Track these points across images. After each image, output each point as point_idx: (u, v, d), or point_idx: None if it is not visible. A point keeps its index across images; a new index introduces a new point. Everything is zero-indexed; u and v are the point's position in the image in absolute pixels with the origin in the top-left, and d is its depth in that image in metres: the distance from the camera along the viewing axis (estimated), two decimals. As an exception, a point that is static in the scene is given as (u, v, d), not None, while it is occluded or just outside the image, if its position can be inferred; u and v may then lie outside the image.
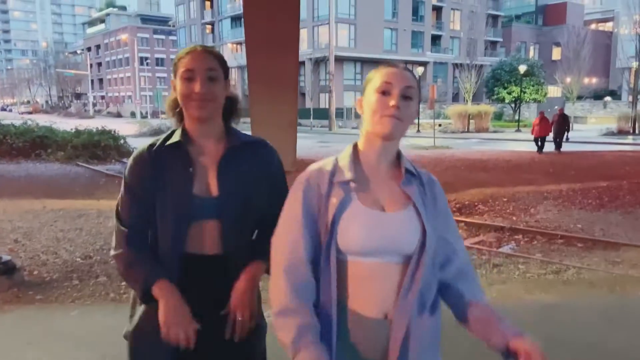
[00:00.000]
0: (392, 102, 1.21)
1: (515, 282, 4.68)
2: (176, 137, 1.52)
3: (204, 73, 1.46)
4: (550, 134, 17.92)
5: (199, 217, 1.48)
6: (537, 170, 13.36)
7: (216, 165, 1.50)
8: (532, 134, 18.22)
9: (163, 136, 1.56)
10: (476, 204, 9.52)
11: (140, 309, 1.54)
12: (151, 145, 1.54)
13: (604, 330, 3.41)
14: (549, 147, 18.17)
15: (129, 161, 1.55)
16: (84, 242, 6.15)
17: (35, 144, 17.79)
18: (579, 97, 41.30)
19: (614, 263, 5.38)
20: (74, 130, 19.18)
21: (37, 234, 6.62)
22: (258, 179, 1.55)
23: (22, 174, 14.19)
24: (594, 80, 48.62)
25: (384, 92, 1.23)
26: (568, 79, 37.01)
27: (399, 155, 1.31)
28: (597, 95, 45.97)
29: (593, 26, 62.02)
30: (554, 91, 44.21)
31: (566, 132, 18.38)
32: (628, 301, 4.07)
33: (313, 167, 1.30)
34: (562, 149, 18.12)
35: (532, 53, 55.91)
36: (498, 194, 10.08)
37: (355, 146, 1.31)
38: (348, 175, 1.24)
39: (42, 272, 4.87)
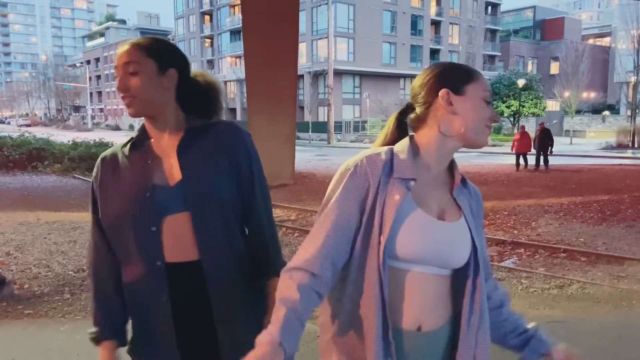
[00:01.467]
0: (494, 114, 1.17)
1: (519, 297, 4.56)
2: (132, 138, 1.42)
3: (122, 69, 1.36)
4: (531, 149, 16.85)
5: (164, 209, 1.33)
6: (537, 183, 13.28)
7: (175, 152, 1.37)
8: (512, 149, 17.21)
9: (120, 143, 1.46)
10: (476, 217, 9.43)
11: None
12: (109, 152, 1.44)
13: (613, 349, 3.28)
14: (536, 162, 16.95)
15: (92, 175, 1.45)
16: (77, 255, 6.02)
17: (32, 156, 17.71)
18: (578, 111, 41.45)
19: (619, 278, 5.27)
20: (71, 143, 19.15)
21: (30, 246, 6.50)
22: (222, 160, 1.39)
23: (17, 186, 14.07)
24: (592, 94, 48.85)
25: (488, 102, 1.17)
26: (567, 93, 37.16)
27: (452, 162, 1.22)
28: (596, 110, 46.11)
29: (591, 41, 62.48)
30: (552, 105, 44.34)
31: (550, 147, 16.70)
32: (636, 318, 3.95)
33: (365, 153, 1.16)
34: (549, 164, 16.80)
35: (531, 67, 56.21)
36: (498, 207, 9.99)
37: (412, 140, 1.19)
38: (411, 172, 1.12)
39: (32, 286, 4.74)
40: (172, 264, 1.33)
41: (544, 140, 16.73)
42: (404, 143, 1.17)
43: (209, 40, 59.73)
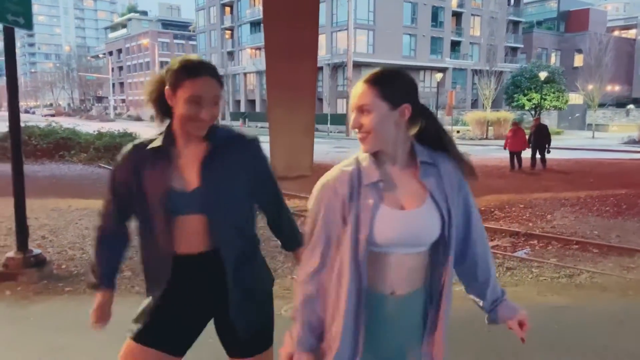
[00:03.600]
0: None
1: (527, 284, 4.75)
2: (158, 142, 1.59)
3: (211, 101, 1.52)
4: (526, 148, 15.25)
5: (180, 211, 1.56)
6: (555, 177, 13.30)
7: (199, 161, 1.58)
8: (505, 147, 15.70)
9: (148, 138, 1.65)
10: (492, 210, 9.54)
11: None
12: (136, 145, 1.64)
13: (613, 333, 3.47)
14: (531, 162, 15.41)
15: (115, 161, 1.67)
16: (108, 239, 6.37)
17: (59, 145, 18.25)
18: (601, 105, 40.79)
19: (629, 269, 5.40)
20: (96, 133, 19.66)
21: (64, 231, 6.86)
22: (241, 172, 1.62)
23: (46, 174, 14.57)
24: (617, 87, 47.96)
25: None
26: (590, 86, 36.62)
27: (414, 148, 1.41)
28: (620, 103, 45.33)
29: (616, 33, 61.16)
30: (575, 98, 43.71)
31: (547, 146, 15.07)
32: (639, 305, 4.11)
33: (330, 175, 1.41)
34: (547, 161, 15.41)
35: (554, 60, 55.35)
36: (514, 200, 10.08)
37: None
38: (376, 176, 1.35)
39: (69, 266, 5.08)
40: (183, 255, 1.61)
41: (540, 138, 15.10)
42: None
43: (229, 32, 60.06)
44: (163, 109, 1.61)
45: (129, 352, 1.67)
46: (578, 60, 50.81)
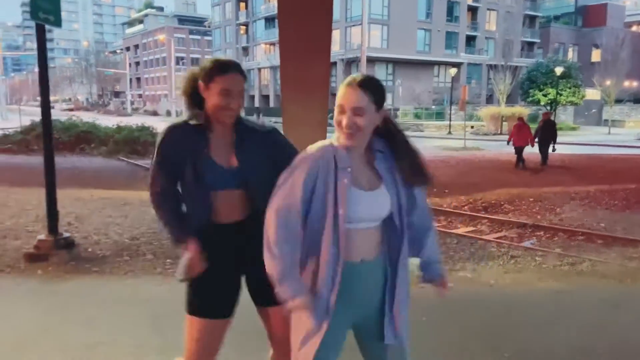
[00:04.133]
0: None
1: (530, 271, 4.94)
2: (199, 121, 1.92)
3: (239, 93, 1.87)
4: (531, 144, 14.71)
5: (222, 186, 1.88)
6: (566, 171, 13.38)
7: (232, 145, 1.92)
8: (508, 143, 15.33)
9: (185, 119, 1.96)
10: (502, 203, 9.70)
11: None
12: (177, 124, 1.94)
13: (607, 314, 3.67)
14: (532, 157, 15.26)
15: (160, 135, 1.95)
16: (130, 227, 6.68)
17: (79, 138, 18.73)
18: (619, 101, 40.32)
19: (631, 258, 5.56)
20: (115, 127, 20.14)
21: (88, 218, 7.20)
22: (266, 154, 1.94)
23: (68, 166, 15.00)
24: (635, 83, 47.25)
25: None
26: (607, 82, 36.23)
27: (369, 143, 1.71)
28: (638, 99, 44.68)
29: (634, 28, 60.17)
30: (592, 94, 43.24)
31: (552, 143, 14.74)
32: (636, 291, 4.29)
33: (319, 145, 1.69)
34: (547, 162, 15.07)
35: (571, 55, 54.73)
36: (525, 194, 10.22)
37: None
38: (348, 163, 1.65)
39: (95, 250, 5.39)
40: (220, 224, 1.92)
41: (547, 134, 14.72)
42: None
43: (244, 28, 60.40)
44: (195, 100, 1.93)
45: (191, 326, 1.96)
46: (596, 56, 50.11)
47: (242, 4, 60.07)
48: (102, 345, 2.98)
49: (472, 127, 31.04)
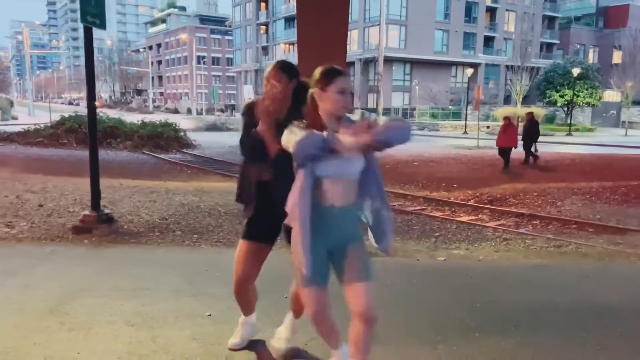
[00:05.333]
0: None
1: (518, 251, 5.48)
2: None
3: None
4: (516, 145, 14.59)
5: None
6: (573, 169, 13.75)
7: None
8: (497, 144, 14.90)
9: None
10: (507, 197, 10.19)
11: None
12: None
13: (574, 282, 4.20)
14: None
15: (243, 108, 2.59)
16: (159, 210, 7.38)
17: (106, 133, 19.62)
18: (638, 103, 40.08)
19: (616, 244, 6.05)
20: (140, 122, 21.03)
21: (120, 202, 7.92)
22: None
23: (96, 159, 15.84)
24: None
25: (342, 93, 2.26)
26: (629, 83, 36.09)
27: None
28: (659, 101, 44.30)
29: (658, 29, 59.47)
30: (612, 96, 43.03)
31: (534, 141, 15.05)
32: (610, 267, 4.80)
33: (305, 130, 2.25)
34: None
35: (592, 56, 54.37)
36: (529, 189, 10.68)
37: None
38: (329, 133, 2.20)
39: (130, 227, 6.09)
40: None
41: (531, 133, 15.08)
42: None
43: (264, 27, 61.24)
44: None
45: (240, 249, 2.59)
46: (617, 57, 49.71)
47: (263, 4, 60.95)
48: (146, 289, 3.64)
49: (487, 127, 31.29)
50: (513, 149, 14.42)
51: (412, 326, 3.10)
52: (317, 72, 2.27)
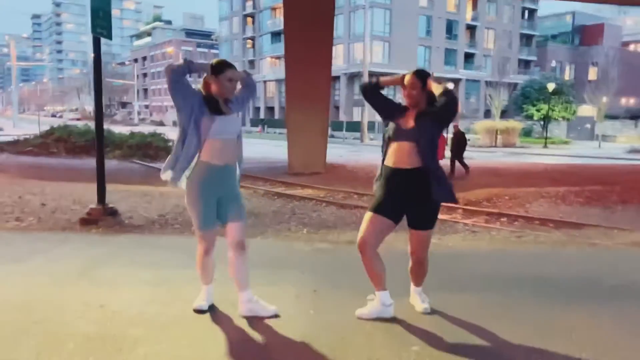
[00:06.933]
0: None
1: (484, 240, 6.13)
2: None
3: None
4: (440, 157, 15.23)
5: (399, 139, 3.01)
6: (545, 176, 14.56)
7: (415, 114, 3.06)
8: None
9: None
10: (481, 201, 10.87)
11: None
12: None
13: (524, 261, 4.85)
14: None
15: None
16: (155, 209, 7.90)
17: (95, 142, 19.99)
18: (614, 117, 41.65)
19: (572, 236, 6.74)
20: (129, 133, 21.47)
21: (117, 203, 8.32)
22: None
23: (87, 167, 16.24)
24: (632, 100, 48.63)
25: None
26: (604, 99, 37.56)
27: None
28: (635, 116, 45.93)
29: (632, 47, 61.75)
30: (588, 110, 44.58)
31: (461, 153, 15.40)
32: (561, 251, 5.47)
33: None
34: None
35: (569, 72, 56.24)
36: (502, 193, 11.40)
37: None
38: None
39: (131, 221, 6.61)
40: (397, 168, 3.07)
41: (458, 145, 15.42)
42: None
43: (250, 42, 62.14)
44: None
45: (367, 219, 3.09)
46: (592, 74, 51.55)
47: (249, 19, 61.93)
48: (156, 263, 4.21)
49: (468, 139, 32.25)
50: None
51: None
52: (213, 62, 3.00)
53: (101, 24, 6.00)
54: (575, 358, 2.66)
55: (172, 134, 29.22)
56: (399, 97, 3.29)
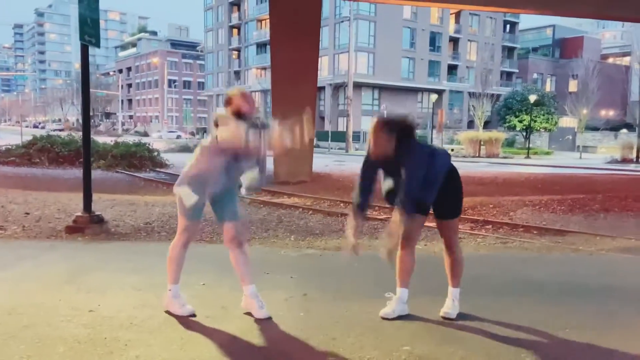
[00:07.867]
0: None
1: (469, 246, 6.21)
2: None
3: None
4: None
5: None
6: (528, 185, 14.79)
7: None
8: None
9: None
10: (465, 209, 11.00)
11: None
12: None
13: (511, 264, 4.94)
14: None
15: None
16: (141, 217, 7.85)
17: (79, 152, 19.71)
18: (594, 129, 42.49)
19: (555, 242, 6.86)
20: (113, 142, 21.31)
21: (104, 212, 8.29)
22: None
23: (71, 177, 16.10)
24: (611, 112, 49.69)
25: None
26: (584, 110, 38.28)
27: None
28: (614, 127, 46.93)
29: (610, 60, 63.23)
30: (569, 122, 45.41)
31: None
32: (543, 257, 5.56)
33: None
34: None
35: (549, 84, 57.34)
36: (486, 202, 11.55)
37: None
38: None
39: (118, 229, 6.57)
40: None
41: None
42: None
43: (236, 53, 62.26)
44: None
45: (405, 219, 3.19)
46: (572, 86, 52.63)
47: (235, 30, 62.09)
48: (145, 270, 4.19)
49: (452, 149, 32.61)
50: None
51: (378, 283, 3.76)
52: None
53: (89, 31, 6.01)
54: (563, 355, 2.73)
55: (156, 144, 28.93)
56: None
